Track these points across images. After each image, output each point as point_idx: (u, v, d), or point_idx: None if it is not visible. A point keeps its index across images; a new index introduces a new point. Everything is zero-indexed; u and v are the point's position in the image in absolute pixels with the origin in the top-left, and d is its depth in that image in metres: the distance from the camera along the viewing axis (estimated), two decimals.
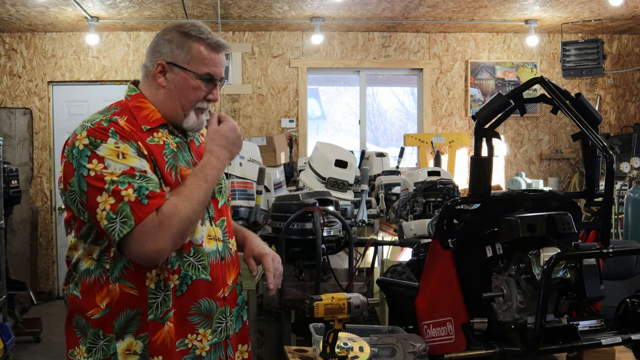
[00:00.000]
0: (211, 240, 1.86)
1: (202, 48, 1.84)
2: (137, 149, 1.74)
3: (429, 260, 2.13)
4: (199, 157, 1.89)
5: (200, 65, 1.84)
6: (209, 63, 1.85)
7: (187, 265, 1.80)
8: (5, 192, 5.28)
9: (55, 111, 7.34)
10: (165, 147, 1.82)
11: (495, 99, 2.04)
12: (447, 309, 2.01)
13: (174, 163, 1.81)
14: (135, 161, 1.71)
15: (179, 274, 1.79)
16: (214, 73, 1.85)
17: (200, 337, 1.83)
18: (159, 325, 1.77)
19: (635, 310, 1.99)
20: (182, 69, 1.83)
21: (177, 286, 1.79)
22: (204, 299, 1.83)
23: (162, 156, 1.79)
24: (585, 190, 2.17)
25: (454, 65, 7.62)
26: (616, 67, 7.72)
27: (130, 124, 1.79)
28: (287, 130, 7.32)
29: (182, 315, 1.81)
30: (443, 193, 3.61)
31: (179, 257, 1.79)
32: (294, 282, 3.24)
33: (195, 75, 1.84)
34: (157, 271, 1.78)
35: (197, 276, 1.81)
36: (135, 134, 1.76)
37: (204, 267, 1.83)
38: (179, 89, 1.84)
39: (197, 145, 1.95)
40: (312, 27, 7.03)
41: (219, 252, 1.88)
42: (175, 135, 1.88)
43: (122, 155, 1.71)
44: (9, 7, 6.12)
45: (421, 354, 1.99)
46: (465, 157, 7.43)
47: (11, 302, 5.43)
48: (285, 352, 2.35)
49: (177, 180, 1.79)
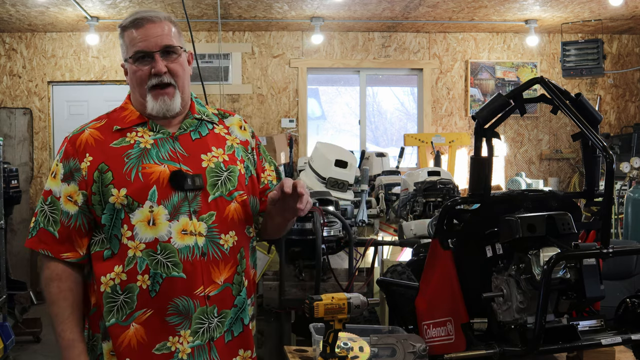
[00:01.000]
0: (186, 236, 1.78)
1: (128, 32, 1.85)
2: (69, 169, 1.82)
3: (429, 260, 2.13)
4: (190, 150, 1.86)
5: (131, 48, 1.84)
6: (136, 41, 1.82)
7: (155, 264, 1.76)
8: (5, 192, 5.28)
9: (55, 111, 7.34)
10: (134, 147, 1.82)
11: (495, 99, 2.03)
12: (447, 309, 2.01)
13: (137, 162, 1.79)
14: (56, 185, 1.83)
15: (148, 274, 1.76)
16: (143, 48, 1.81)
17: (182, 340, 1.78)
18: (122, 328, 1.76)
19: (635, 310, 1.99)
20: (127, 62, 1.87)
21: (150, 286, 1.75)
22: (180, 298, 1.77)
23: (123, 158, 1.80)
24: (585, 190, 2.17)
25: (454, 65, 7.62)
26: (616, 67, 7.72)
27: (102, 129, 1.86)
28: (287, 130, 7.32)
29: (160, 317, 1.77)
30: (443, 193, 3.61)
31: (146, 256, 1.76)
32: (294, 282, 3.24)
33: (131, 59, 1.84)
34: (112, 275, 1.77)
35: (167, 274, 1.76)
36: (87, 147, 1.82)
37: (175, 264, 1.76)
38: (130, 81, 1.87)
39: (195, 138, 1.89)
40: (312, 27, 7.03)
41: (197, 248, 1.78)
42: (156, 131, 1.86)
43: (54, 175, 1.85)
44: (9, 7, 6.12)
45: (421, 354, 1.99)
46: (465, 157, 7.43)
47: (11, 302, 5.43)
48: (285, 352, 2.35)
49: (137, 179, 1.77)
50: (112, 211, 1.78)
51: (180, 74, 1.85)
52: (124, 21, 1.87)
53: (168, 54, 1.83)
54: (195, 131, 1.90)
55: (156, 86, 1.82)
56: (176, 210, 1.78)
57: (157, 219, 1.77)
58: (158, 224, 1.77)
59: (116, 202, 1.77)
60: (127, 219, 1.77)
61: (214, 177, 1.85)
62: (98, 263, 1.81)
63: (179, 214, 1.79)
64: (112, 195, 1.77)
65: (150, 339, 1.77)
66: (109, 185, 1.77)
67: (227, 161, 1.89)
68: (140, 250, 1.76)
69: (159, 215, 1.77)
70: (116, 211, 1.77)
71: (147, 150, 1.82)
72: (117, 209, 1.77)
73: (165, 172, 1.80)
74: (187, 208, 1.80)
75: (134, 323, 1.76)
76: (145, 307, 1.76)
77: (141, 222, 1.76)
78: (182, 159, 1.83)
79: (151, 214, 1.77)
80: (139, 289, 1.76)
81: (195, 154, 1.86)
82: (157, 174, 1.79)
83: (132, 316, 1.76)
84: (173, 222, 1.78)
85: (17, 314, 5.48)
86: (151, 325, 1.77)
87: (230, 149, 1.92)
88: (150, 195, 1.77)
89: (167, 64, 1.82)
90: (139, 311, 1.76)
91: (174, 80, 1.84)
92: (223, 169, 1.87)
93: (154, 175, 1.79)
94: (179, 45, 1.86)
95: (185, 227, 1.79)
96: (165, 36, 1.83)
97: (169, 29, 1.84)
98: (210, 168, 1.85)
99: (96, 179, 1.78)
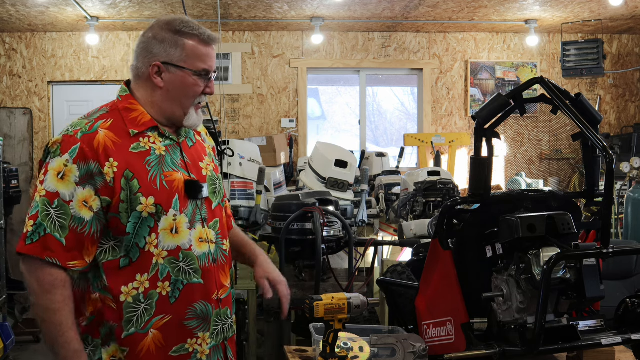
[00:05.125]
0: (202, 243, 1.83)
1: (195, 44, 1.82)
2: (87, 172, 1.71)
3: (429, 260, 2.13)
4: (191, 158, 1.88)
5: (196, 61, 1.82)
6: (204, 58, 1.83)
7: (177, 271, 1.78)
8: (5, 192, 5.28)
9: (55, 111, 7.34)
10: (151, 154, 1.79)
11: (495, 99, 2.04)
12: (447, 309, 2.01)
13: (158, 170, 1.78)
14: (67, 187, 1.70)
15: (169, 281, 1.77)
16: (209, 67, 1.85)
17: (200, 341, 1.82)
18: (141, 336, 1.76)
19: (635, 310, 1.99)
20: (178, 68, 1.82)
21: (170, 293, 1.77)
22: (199, 302, 1.81)
23: (145, 165, 1.77)
24: (585, 190, 2.17)
25: (454, 65, 7.61)
26: (616, 67, 7.72)
27: (115, 130, 1.78)
28: (287, 130, 7.32)
29: (179, 321, 1.79)
30: (443, 193, 3.61)
31: (167, 264, 1.77)
32: (294, 282, 3.24)
33: (192, 72, 1.82)
34: (135, 284, 1.75)
35: (188, 280, 1.79)
36: (108, 151, 1.73)
37: (195, 271, 1.80)
38: (178, 88, 1.83)
39: (190, 145, 1.91)
40: (312, 27, 7.02)
41: (211, 255, 1.85)
42: (165, 137, 1.85)
43: (61, 176, 1.71)
44: (9, 7, 6.12)
45: (421, 354, 1.99)
46: (465, 157, 7.42)
47: (11, 302, 5.43)
48: (285, 352, 2.35)
49: (162, 187, 1.77)
50: (138, 219, 1.75)
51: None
52: (189, 28, 1.83)
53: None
54: (188, 138, 1.93)
55: (199, 103, 1.87)
56: (193, 219, 1.82)
57: (180, 227, 1.79)
58: (180, 232, 1.79)
59: (144, 211, 1.74)
60: (155, 227, 1.76)
61: (212, 184, 1.91)
62: (113, 272, 1.76)
63: (195, 222, 1.83)
64: (141, 203, 1.74)
65: (168, 342, 1.78)
66: (138, 194, 1.74)
67: (215, 169, 1.96)
68: (163, 258, 1.76)
69: (181, 224, 1.79)
70: (142, 219, 1.75)
71: (163, 157, 1.81)
72: (144, 217, 1.75)
73: (182, 181, 1.81)
74: (199, 216, 1.84)
75: (152, 329, 1.76)
76: (164, 313, 1.77)
77: (165, 230, 1.77)
78: (188, 167, 1.86)
79: (174, 222, 1.78)
80: (159, 296, 1.76)
81: (196, 162, 1.90)
82: (177, 182, 1.81)
83: (150, 323, 1.76)
84: (192, 230, 1.81)
85: (17, 314, 5.48)
86: (169, 330, 1.78)
87: (210, 157, 1.98)
88: (174, 204, 1.78)
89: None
90: (156, 317, 1.77)
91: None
92: (216, 177, 1.94)
93: (176, 184, 1.80)
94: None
95: (202, 235, 1.83)
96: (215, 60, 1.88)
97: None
98: (209, 176, 1.90)
99: (124, 187, 1.73)
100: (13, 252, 7.19)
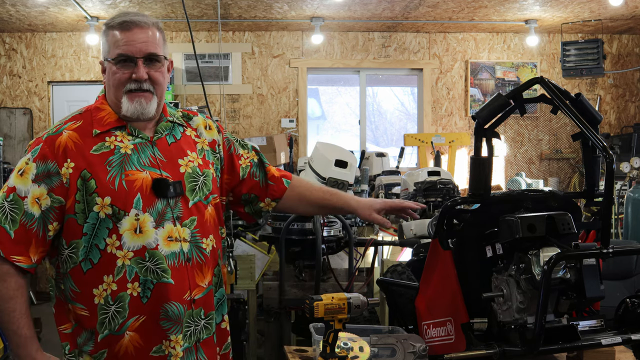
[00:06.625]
0: (172, 242, 1.80)
1: (113, 32, 1.82)
2: (43, 171, 1.74)
3: (429, 260, 2.13)
4: (167, 155, 1.86)
5: (114, 49, 1.82)
6: (120, 43, 1.80)
7: (144, 271, 1.77)
8: None
9: (55, 111, 7.34)
10: (115, 153, 1.79)
11: (495, 99, 2.03)
12: (447, 309, 2.01)
13: (119, 170, 1.78)
14: (24, 184, 1.74)
15: (138, 281, 1.76)
16: (126, 52, 1.80)
17: (173, 344, 1.80)
18: (117, 338, 1.77)
19: (635, 310, 1.98)
20: (106, 61, 1.84)
21: (141, 292, 1.76)
22: (170, 304, 1.79)
23: (105, 165, 1.77)
24: (585, 190, 2.17)
25: (454, 65, 7.62)
26: (616, 67, 7.72)
27: (80, 131, 1.80)
28: (287, 130, 7.32)
29: (154, 322, 1.78)
30: (443, 193, 3.60)
31: (134, 264, 1.76)
32: (294, 282, 3.24)
33: (113, 61, 1.82)
34: (104, 285, 1.76)
35: (157, 280, 1.77)
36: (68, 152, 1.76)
37: (164, 270, 1.78)
38: (108, 80, 1.84)
39: (170, 142, 1.89)
40: (312, 27, 7.03)
41: (183, 254, 1.81)
42: (135, 135, 1.84)
43: (21, 173, 1.76)
44: (9, 7, 6.12)
45: (421, 354, 1.99)
46: (465, 157, 7.43)
47: None
48: (285, 352, 2.35)
49: (121, 187, 1.76)
50: (96, 220, 1.75)
51: (161, 82, 1.86)
52: (111, 20, 1.85)
53: (151, 61, 1.83)
54: (170, 135, 1.91)
55: (134, 90, 1.82)
56: (161, 217, 1.79)
57: (144, 226, 1.77)
58: (145, 231, 1.77)
59: (101, 211, 1.75)
60: (115, 228, 1.75)
61: (192, 182, 1.88)
62: (80, 278, 1.77)
63: (164, 220, 1.80)
64: (97, 204, 1.75)
65: (147, 343, 1.79)
66: (93, 194, 1.75)
67: (202, 165, 1.92)
68: (129, 259, 1.76)
69: (145, 223, 1.77)
70: (100, 220, 1.75)
71: (128, 156, 1.80)
72: (101, 218, 1.75)
73: (148, 179, 1.79)
74: (170, 214, 1.81)
75: (127, 331, 1.77)
76: (138, 313, 1.77)
77: (128, 231, 1.76)
78: (161, 164, 1.84)
79: (137, 222, 1.76)
80: (130, 297, 1.76)
81: (173, 159, 1.87)
82: (140, 181, 1.79)
83: (125, 325, 1.77)
84: (159, 229, 1.79)
85: None
86: (146, 330, 1.78)
87: (202, 152, 1.95)
88: (135, 203, 1.77)
89: (148, 71, 1.82)
90: (131, 319, 1.77)
91: (153, 87, 1.83)
92: (199, 174, 1.90)
93: (137, 183, 1.78)
94: (163, 54, 1.86)
95: (171, 234, 1.80)
96: (150, 43, 1.82)
97: (154, 36, 1.83)
98: (188, 173, 1.87)
99: (80, 187, 1.75)
100: None
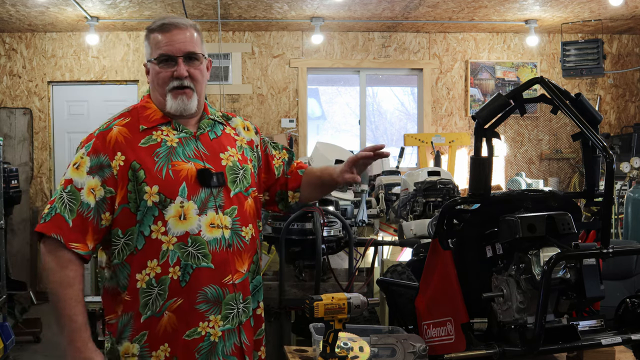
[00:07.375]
0: (214, 229, 1.91)
1: (155, 35, 1.98)
2: (97, 164, 1.88)
3: (429, 260, 2.13)
4: (210, 149, 1.99)
5: (156, 50, 1.97)
6: (161, 44, 1.95)
7: (186, 255, 1.88)
8: (5, 192, 5.28)
9: (55, 111, 7.34)
10: (161, 145, 1.93)
11: (495, 99, 2.03)
12: (447, 309, 2.01)
13: (166, 160, 1.91)
14: (79, 176, 1.88)
15: (179, 265, 1.87)
16: (167, 52, 1.95)
17: (212, 324, 1.90)
18: (157, 319, 1.87)
19: (635, 310, 1.99)
20: (150, 62, 1.99)
21: (181, 277, 1.87)
22: (210, 286, 1.90)
23: (153, 157, 1.91)
24: (585, 190, 2.17)
25: (454, 65, 7.62)
26: (616, 67, 7.72)
27: (129, 126, 1.95)
28: (287, 130, 7.32)
29: (190, 305, 1.88)
30: (443, 193, 3.61)
31: (177, 249, 1.88)
32: (294, 282, 3.24)
33: (155, 61, 1.97)
34: (147, 270, 1.87)
35: (197, 265, 1.88)
36: (118, 145, 1.90)
37: (205, 255, 1.89)
38: (152, 80, 2.00)
39: (212, 138, 2.03)
40: (312, 27, 7.03)
41: (224, 240, 1.93)
42: (179, 130, 1.98)
43: (77, 167, 1.90)
44: (9, 7, 6.12)
45: (421, 354, 1.99)
46: (465, 157, 7.43)
47: (11, 302, 5.43)
48: (285, 352, 2.35)
49: (168, 176, 1.89)
50: (145, 208, 1.87)
51: (199, 79, 2.00)
52: (152, 24, 2.00)
53: (190, 59, 1.97)
54: (212, 131, 2.05)
55: (176, 87, 1.96)
56: (204, 205, 1.92)
57: (188, 213, 1.89)
58: (188, 218, 1.89)
59: (149, 200, 1.87)
60: (161, 215, 1.88)
61: (233, 174, 2.01)
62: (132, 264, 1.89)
63: (207, 208, 1.92)
64: (146, 192, 1.87)
65: (181, 326, 1.88)
66: (142, 184, 1.87)
67: (241, 160, 2.06)
68: (173, 244, 1.87)
69: (189, 210, 1.89)
70: (147, 208, 1.87)
71: (174, 148, 1.94)
72: (149, 206, 1.87)
73: (192, 170, 1.93)
74: (213, 203, 1.94)
75: (167, 312, 1.88)
76: (176, 296, 1.87)
77: (173, 217, 1.88)
78: (204, 157, 1.97)
79: (182, 209, 1.89)
80: (170, 280, 1.87)
81: (215, 153, 2.01)
82: (185, 171, 1.92)
83: (165, 306, 1.87)
84: (202, 216, 1.91)
85: (17, 314, 5.47)
86: (181, 313, 1.88)
87: (240, 149, 2.09)
88: (180, 192, 1.89)
89: (188, 69, 1.96)
90: (170, 300, 1.87)
91: (193, 84, 1.97)
92: (239, 167, 2.03)
93: (183, 173, 1.92)
94: (202, 52, 2.00)
95: (213, 221, 1.92)
96: (188, 43, 1.97)
97: (192, 36, 1.98)
98: (229, 166, 2.01)
99: (131, 178, 1.88)
100: (13, 252, 7.21)
